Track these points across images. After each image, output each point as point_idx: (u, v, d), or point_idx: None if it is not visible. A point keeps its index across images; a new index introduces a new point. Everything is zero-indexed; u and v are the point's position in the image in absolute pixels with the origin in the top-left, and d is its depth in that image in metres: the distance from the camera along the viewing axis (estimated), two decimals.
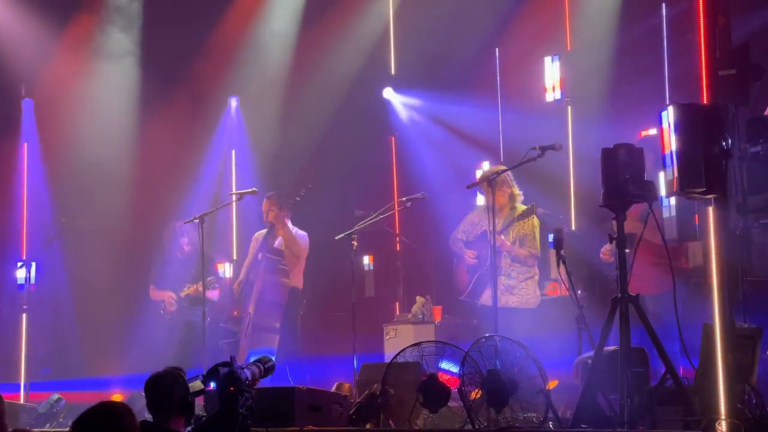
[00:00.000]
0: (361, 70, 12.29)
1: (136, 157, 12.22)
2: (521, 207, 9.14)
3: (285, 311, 9.87)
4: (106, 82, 12.27)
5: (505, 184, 8.97)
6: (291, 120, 12.21)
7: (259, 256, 9.99)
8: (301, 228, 10.17)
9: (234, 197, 10.43)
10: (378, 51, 12.49)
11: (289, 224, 9.97)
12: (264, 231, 10.17)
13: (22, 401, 9.97)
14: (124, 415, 4.23)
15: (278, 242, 10.01)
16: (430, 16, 11.93)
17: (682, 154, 6.29)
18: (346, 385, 8.38)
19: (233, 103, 12.82)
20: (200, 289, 9.72)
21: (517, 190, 9.15)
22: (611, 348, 6.56)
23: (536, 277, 9.25)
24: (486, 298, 9.09)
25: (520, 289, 9.11)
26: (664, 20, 10.44)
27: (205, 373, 5.14)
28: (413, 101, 12.47)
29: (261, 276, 9.93)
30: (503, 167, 9.18)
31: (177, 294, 10.26)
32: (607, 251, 8.50)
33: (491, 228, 8.28)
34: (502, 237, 8.98)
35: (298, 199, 9.81)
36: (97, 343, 12.00)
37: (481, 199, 9.62)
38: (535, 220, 9.15)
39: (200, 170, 12.47)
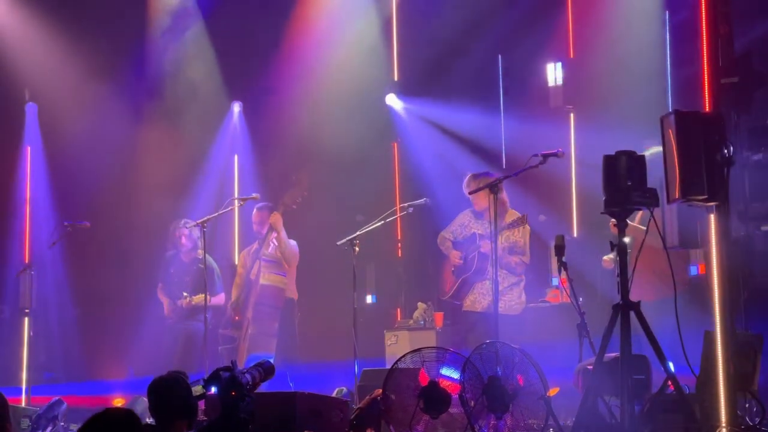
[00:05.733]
0: (364, 77, 12.29)
1: (139, 161, 12.21)
2: (513, 212, 9.08)
3: (282, 316, 9.92)
4: (110, 85, 12.27)
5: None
6: (293, 125, 12.20)
7: (255, 265, 10.03)
8: (303, 233, 10.18)
9: (237, 202, 10.45)
10: (381, 57, 12.50)
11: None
12: (253, 246, 10.28)
13: (23, 405, 9.96)
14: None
15: (272, 249, 10.07)
16: (433, 22, 11.94)
17: (684, 162, 6.30)
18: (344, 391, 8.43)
19: (236, 108, 12.84)
20: (192, 302, 10.03)
21: (505, 197, 8.99)
22: (612, 355, 6.56)
23: (522, 284, 9.17)
24: (469, 303, 9.09)
25: (504, 295, 8.88)
26: (667, 28, 10.45)
27: (206, 378, 5.13)
28: (416, 107, 12.47)
29: (258, 281, 10.03)
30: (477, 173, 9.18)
31: (174, 303, 10.28)
32: (608, 259, 8.48)
33: (492, 237, 8.20)
34: (491, 243, 8.94)
35: (295, 206, 9.86)
36: (99, 347, 12.01)
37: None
38: (527, 228, 9.09)
39: (203, 175, 12.47)
